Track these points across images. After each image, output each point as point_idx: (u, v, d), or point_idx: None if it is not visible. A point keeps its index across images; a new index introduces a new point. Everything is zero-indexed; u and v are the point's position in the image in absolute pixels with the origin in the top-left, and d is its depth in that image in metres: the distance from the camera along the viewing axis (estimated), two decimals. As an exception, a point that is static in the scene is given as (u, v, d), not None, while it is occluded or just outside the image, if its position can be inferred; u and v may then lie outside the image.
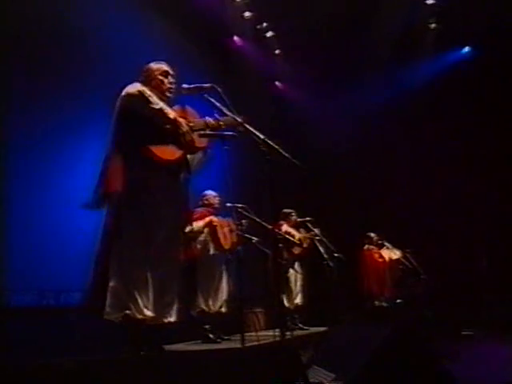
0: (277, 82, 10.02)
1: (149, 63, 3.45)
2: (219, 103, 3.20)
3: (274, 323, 5.03)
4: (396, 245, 8.13)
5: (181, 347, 4.58)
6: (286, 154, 3.09)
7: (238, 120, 3.19)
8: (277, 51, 9.29)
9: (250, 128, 3.12)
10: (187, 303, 4.81)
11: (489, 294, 7.98)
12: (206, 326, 5.00)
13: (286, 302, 6.14)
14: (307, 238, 6.58)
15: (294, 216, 6.76)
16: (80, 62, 5.22)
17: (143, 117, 3.16)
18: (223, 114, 3.27)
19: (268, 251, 5.21)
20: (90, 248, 3.28)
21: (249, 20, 8.44)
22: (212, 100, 3.21)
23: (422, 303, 7.57)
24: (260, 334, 4.91)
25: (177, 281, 3.34)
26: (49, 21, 5.01)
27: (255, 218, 4.76)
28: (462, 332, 6.63)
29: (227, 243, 5.19)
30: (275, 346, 3.65)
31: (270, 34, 8.94)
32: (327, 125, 9.01)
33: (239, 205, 4.56)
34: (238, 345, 3.75)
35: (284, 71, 9.53)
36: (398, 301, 7.84)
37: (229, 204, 4.50)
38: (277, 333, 3.54)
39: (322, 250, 5.98)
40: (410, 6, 8.28)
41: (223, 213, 5.26)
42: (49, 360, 2.42)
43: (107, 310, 3.10)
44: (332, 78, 8.98)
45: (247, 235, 5.02)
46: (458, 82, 8.73)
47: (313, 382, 2.71)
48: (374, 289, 7.96)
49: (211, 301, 5.10)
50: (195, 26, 7.23)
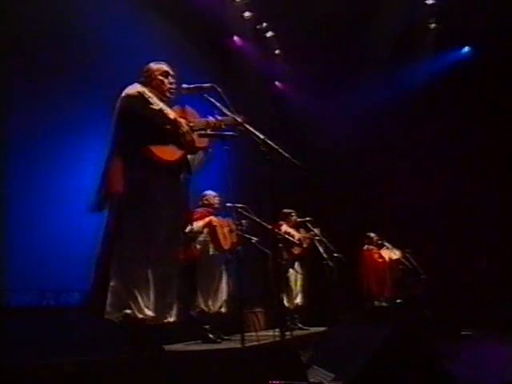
0: (277, 82, 10.01)
1: (149, 63, 3.44)
2: (219, 103, 3.20)
3: (274, 323, 5.02)
4: (396, 245, 8.13)
5: (181, 347, 4.58)
6: (286, 154, 3.09)
7: (238, 120, 3.19)
8: (277, 51, 9.28)
9: (250, 128, 3.12)
10: (187, 303, 4.82)
11: (489, 293, 7.97)
12: (206, 326, 5.00)
13: (285, 302, 6.13)
14: (307, 237, 6.58)
15: (294, 216, 6.76)
16: (80, 62, 5.22)
17: (143, 118, 3.16)
18: (223, 114, 3.26)
19: (268, 251, 5.22)
20: (90, 248, 3.28)
21: (249, 20, 8.42)
22: (212, 100, 3.21)
23: (421, 303, 7.57)
24: (260, 333, 4.91)
25: (177, 281, 3.34)
26: (49, 21, 5.01)
27: (255, 218, 4.75)
28: (462, 332, 6.62)
29: (227, 243, 5.18)
30: (275, 345, 3.65)
31: (269, 34, 8.93)
32: (327, 125, 9.00)
33: (239, 205, 4.55)
34: (238, 345, 3.76)
35: (284, 71, 9.52)
36: (397, 301, 7.84)
37: (229, 204, 4.50)
38: (277, 333, 3.54)
39: (321, 250, 5.98)
40: (409, 6, 8.27)
41: (223, 213, 5.26)
42: (49, 360, 2.42)
43: (107, 310, 3.11)
44: (332, 78, 8.97)
45: (247, 235, 5.01)
46: (457, 82, 8.74)
47: (313, 382, 2.71)
48: (374, 289, 7.96)
49: (211, 301, 5.09)
50: (195, 26, 7.23)
